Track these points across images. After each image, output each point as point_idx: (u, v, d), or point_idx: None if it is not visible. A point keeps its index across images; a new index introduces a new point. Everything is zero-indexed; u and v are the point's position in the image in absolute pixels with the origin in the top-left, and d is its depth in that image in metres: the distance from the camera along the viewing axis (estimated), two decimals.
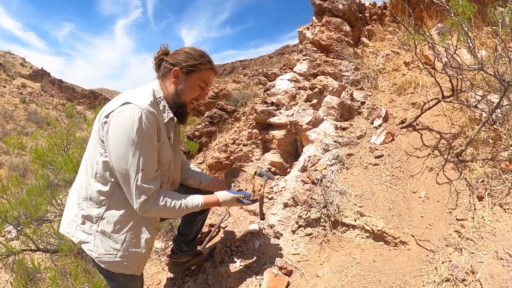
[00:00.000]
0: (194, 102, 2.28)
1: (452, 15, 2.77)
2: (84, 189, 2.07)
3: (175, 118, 2.19)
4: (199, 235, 3.45)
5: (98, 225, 2.05)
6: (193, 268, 3.20)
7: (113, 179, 2.01)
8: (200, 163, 5.41)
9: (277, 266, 2.74)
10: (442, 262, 2.25)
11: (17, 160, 22.13)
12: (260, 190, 2.72)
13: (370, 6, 5.62)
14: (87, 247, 2.07)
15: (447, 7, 2.84)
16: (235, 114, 6.72)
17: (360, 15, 5.23)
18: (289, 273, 2.73)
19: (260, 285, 2.68)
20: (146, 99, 2.01)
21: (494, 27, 3.64)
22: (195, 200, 2.25)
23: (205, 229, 3.53)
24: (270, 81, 4.58)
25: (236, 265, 2.90)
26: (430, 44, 3.13)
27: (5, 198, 5.04)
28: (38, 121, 34.95)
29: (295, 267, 2.77)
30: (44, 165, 5.04)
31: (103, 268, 2.12)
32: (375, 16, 5.49)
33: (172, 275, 3.26)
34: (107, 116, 1.92)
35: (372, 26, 5.28)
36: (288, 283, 2.66)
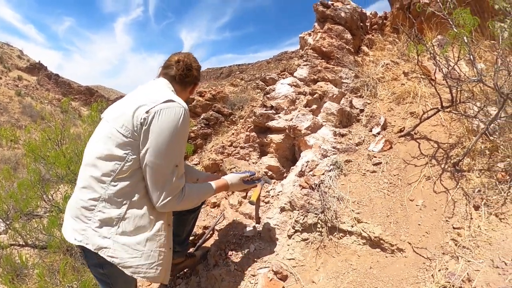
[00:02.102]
0: None
1: (453, 26, 2.80)
2: (99, 190, 1.98)
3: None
4: (193, 237, 3.43)
5: (118, 227, 1.97)
6: (186, 270, 3.17)
7: (135, 178, 1.97)
8: (196, 164, 5.40)
9: (272, 270, 2.71)
10: (439, 270, 2.26)
11: (9, 153, 21.91)
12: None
13: (371, 15, 5.66)
14: (107, 253, 1.95)
15: (449, 19, 2.87)
16: (231, 117, 6.71)
17: (361, 24, 5.27)
18: (284, 278, 2.71)
19: None
20: (182, 99, 2.11)
21: (492, 41, 3.69)
22: (207, 187, 2.34)
23: (199, 231, 3.51)
24: (268, 86, 4.58)
25: (230, 269, 2.87)
26: (431, 55, 3.16)
27: None
28: (32, 114, 34.69)
29: (291, 272, 2.75)
30: (37, 159, 4.99)
31: (103, 274, 2.05)
32: (376, 25, 5.53)
33: None
34: (147, 112, 1.92)
35: (373, 36, 5.32)
36: None
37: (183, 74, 2.26)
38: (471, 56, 2.80)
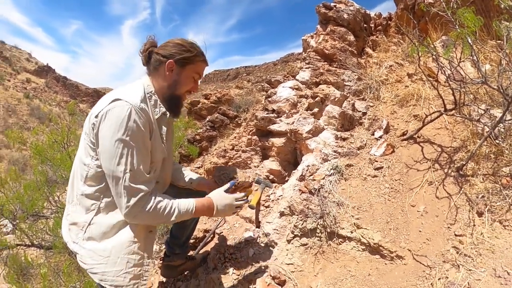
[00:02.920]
0: (188, 95, 2.24)
1: (457, 27, 2.74)
2: (72, 194, 2.00)
3: (167, 113, 2.11)
4: (194, 240, 3.42)
5: (85, 232, 1.94)
6: (185, 273, 3.16)
7: (103, 183, 1.91)
8: (199, 168, 5.40)
9: (270, 275, 2.69)
10: (439, 279, 2.21)
11: (17, 154, 22.16)
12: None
13: (375, 16, 5.61)
14: (78, 258, 1.96)
15: (452, 19, 2.81)
16: (236, 119, 6.72)
17: (365, 25, 5.22)
18: (282, 283, 2.68)
19: None
20: (136, 95, 1.94)
21: (498, 41, 3.62)
22: (186, 205, 2.07)
23: (199, 234, 3.50)
24: (273, 88, 4.55)
25: (229, 272, 2.86)
26: (434, 56, 3.10)
27: (2, 192, 5.04)
28: (40, 116, 35.02)
29: (289, 277, 2.72)
30: (44, 160, 5.05)
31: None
32: (380, 26, 5.48)
33: (164, 279, 3.21)
34: (96, 117, 1.84)
35: (377, 37, 5.27)
36: None
37: (146, 58, 2.13)
38: (475, 57, 2.74)
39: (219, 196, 2.23)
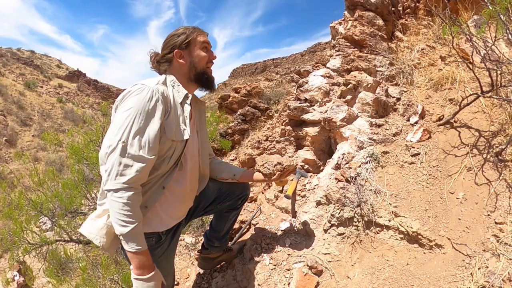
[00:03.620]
0: (210, 65, 2.32)
1: (489, 4, 2.65)
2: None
3: (189, 94, 2.21)
4: (231, 232, 3.46)
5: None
6: (222, 264, 3.21)
7: None
8: (233, 160, 5.44)
9: (307, 265, 2.71)
10: (479, 268, 2.18)
11: (54, 156, 22.77)
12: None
13: None
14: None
15: None
16: (267, 112, 6.72)
17: (393, 8, 5.09)
18: (319, 273, 2.69)
19: (289, 283, 2.66)
20: (153, 81, 2.05)
21: None
22: (142, 238, 1.89)
23: (236, 225, 3.53)
24: (303, 78, 4.52)
25: (266, 263, 2.89)
26: (467, 36, 3.01)
27: (41, 191, 5.21)
28: (74, 119, 35.81)
29: (326, 267, 2.73)
30: (80, 160, 5.19)
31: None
32: (408, 9, 5.33)
33: (201, 270, 3.27)
34: (118, 101, 1.95)
35: (406, 20, 5.13)
36: (318, 283, 2.63)
37: (157, 67, 2.28)
38: (510, 35, 2.65)
39: (158, 276, 1.96)
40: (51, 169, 5.91)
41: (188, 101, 2.18)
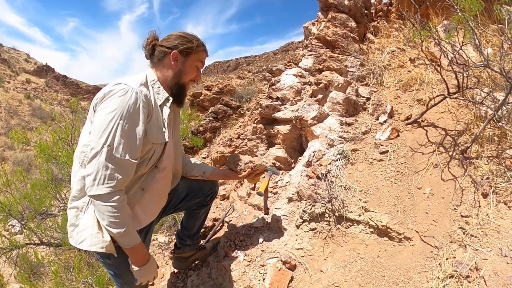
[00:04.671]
0: (191, 84, 2.33)
1: (458, 11, 2.76)
2: (75, 179, 2.00)
3: (170, 98, 2.18)
4: (203, 230, 3.46)
5: (84, 213, 1.96)
6: (197, 262, 3.21)
7: None
8: (205, 158, 5.44)
9: (281, 260, 2.74)
10: (446, 259, 2.26)
11: (21, 155, 22.16)
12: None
13: (376, 2, 5.59)
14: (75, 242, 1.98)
15: (453, 3, 2.83)
16: (239, 110, 6.73)
17: (366, 11, 5.22)
18: (292, 268, 2.73)
19: (263, 279, 2.68)
20: (136, 81, 2.00)
21: (500, 25, 3.64)
22: (135, 233, 1.96)
23: (209, 223, 3.54)
24: (275, 77, 4.57)
25: (240, 259, 2.90)
26: (436, 40, 3.13)
27: (9, 192, 5.06)
28: (42, 116, 35.00)
29: (299, 262, 2.77)
30: (48, 159, 5.06)
31: (103, 256, 2.04)
32: (381, 12, 5.47)
33: (175, 270, 3.26)
34: (97, 99, 1.91)
35: (378, 23, 5.27)
36: (292, 278, 2.67)
37: (150, 51, 2.21)
38: (477, 41, 2.76)
39: (154, 261, 2.12)
40: (19, 169, 5.76)
41: (168, 104, 2.17)
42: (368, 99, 4.01)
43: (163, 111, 2.14)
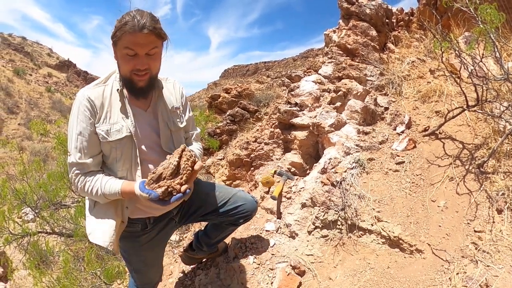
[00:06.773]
0: (138, 73, 1.89)
1: (480, 23, 2.74)
2: None
3: (119, 89, 2.00)
4: None
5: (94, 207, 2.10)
6: (205, 260, 3.24)
7: None
8: (221, 159, 5.46)
9: (291, 265, 2.75)
10: (457, 273, 2.24)
11: (39, 146, 22.51)
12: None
13: (397, 12, 5.56)
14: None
15: (475, 15, 2.81)
16: (257, 114, 6.76)
17: (387, 20, 5.20)
18: (301, 273, 2.74)
19: (272, 283, 2.69)
20: (96, 81, 2.06)
21: None
22: (112, 188, 1.92)
23: None
24: (293, 83, 4.58)
25: (250, 262, 2.92)
26: (456, 52, 3.10)
27: (25, 181, 5.14)
28: (62, 109, 35.49)
29: (308, 268, 2.77)
30: (66, 151, 5.13)
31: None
32: (402, 22, 5.44)
33: (184, 268, 3.29)
34: None
35: (399, 32, 5.24)
36: (300, 283, 2.67)
37: None
38: (498, 54, 2.74)
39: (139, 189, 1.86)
40: (36, 160, 5.86)
41: (125, 99, 2.03)
42: (386, 108, 3.99)
43: (123, 103, 2.02)
